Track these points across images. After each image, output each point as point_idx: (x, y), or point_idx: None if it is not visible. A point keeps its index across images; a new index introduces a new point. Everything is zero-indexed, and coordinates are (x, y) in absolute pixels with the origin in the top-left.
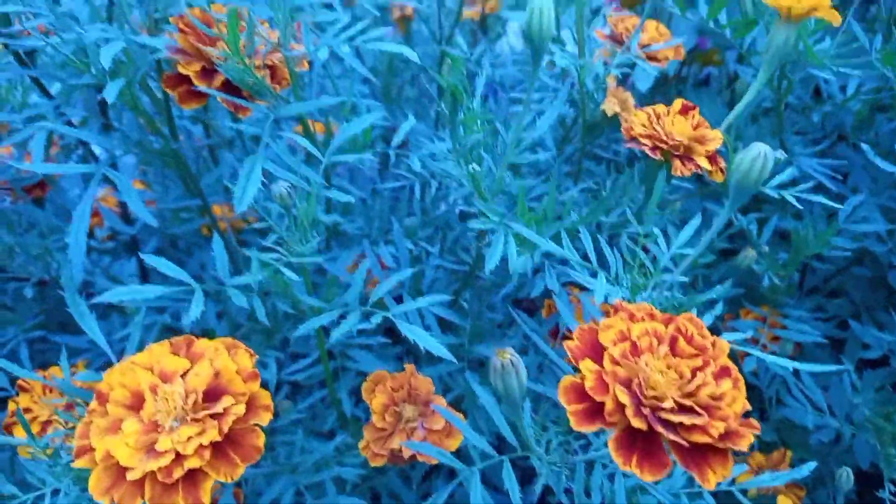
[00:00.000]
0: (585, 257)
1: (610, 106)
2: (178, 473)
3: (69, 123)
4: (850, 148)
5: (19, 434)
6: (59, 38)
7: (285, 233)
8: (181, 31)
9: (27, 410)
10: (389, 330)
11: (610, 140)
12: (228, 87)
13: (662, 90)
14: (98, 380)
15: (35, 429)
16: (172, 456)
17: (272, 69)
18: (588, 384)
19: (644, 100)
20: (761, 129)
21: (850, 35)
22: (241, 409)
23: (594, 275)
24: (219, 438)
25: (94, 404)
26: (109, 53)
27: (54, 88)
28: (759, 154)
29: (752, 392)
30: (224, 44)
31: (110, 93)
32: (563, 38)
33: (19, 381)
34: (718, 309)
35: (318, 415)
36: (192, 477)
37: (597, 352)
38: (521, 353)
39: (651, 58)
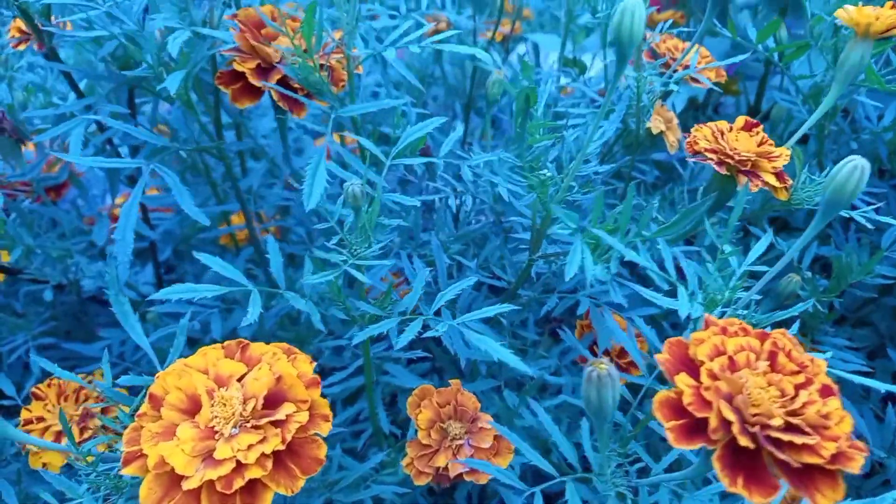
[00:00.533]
0: (661, 268)
1: (656, 124)
2: (238, 484)
3: (98, 123)
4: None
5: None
6: (108, 31)
7: (349, 235)
8: (240, 28)
9: (40, 419)
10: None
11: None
12: (282, 86)
13: (692, 113)
14: (141, 384)
15: (48, 439)
16: (233, 465)
17: (330, 69)
18: (686, 399)
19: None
20: (805, 154)
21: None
22: (304, 416)
23: (672, 288)
24: (281, 447)
25: (145, 408)
26: (178, 41)
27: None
28: (855, 167)
29: None
30: (285, 40)
31: (173, 83)
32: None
33: (33, 390)
34: (794, 329)
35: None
36: (252, 488)
37: (689, 366)
38: (554, 374)
39: (692, 79)
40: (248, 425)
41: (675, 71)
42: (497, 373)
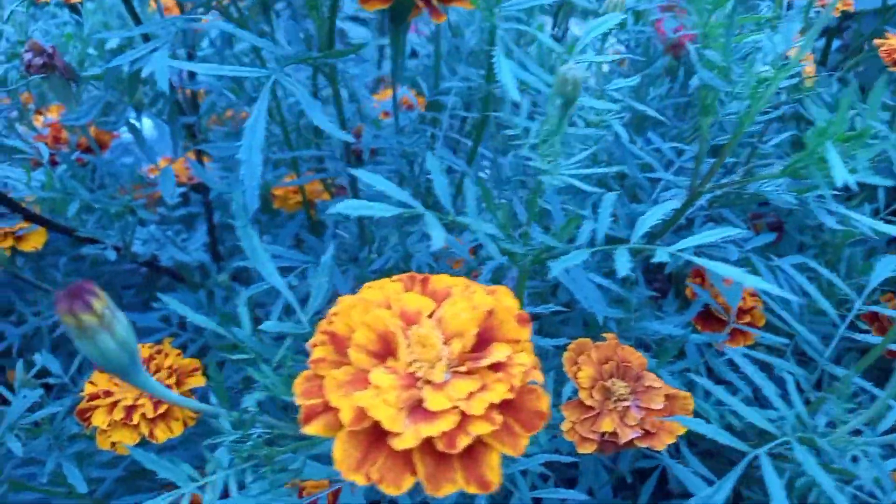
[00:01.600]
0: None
1: None
2: (463, 442)
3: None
4: None
5: (98, 421)
6: None
7: (544, 141)
8: None
9: (107, 393)
10: None
11: None
12: None
13: None
14: (289, 331)
15: (118, 416)
16: (455, 418)
17: None
18: None
19: None
20: None
21: None
22: (527, 359)
23: None
24: (510, 396)
25: (323, 352)
26: None
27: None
28: None
29: None
30: None
31: None
32: None
33: None
34: None
35: None
36: (472, 449)
37: None
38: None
39: None
40: (462, 370)
41: None
42: (622, 330)
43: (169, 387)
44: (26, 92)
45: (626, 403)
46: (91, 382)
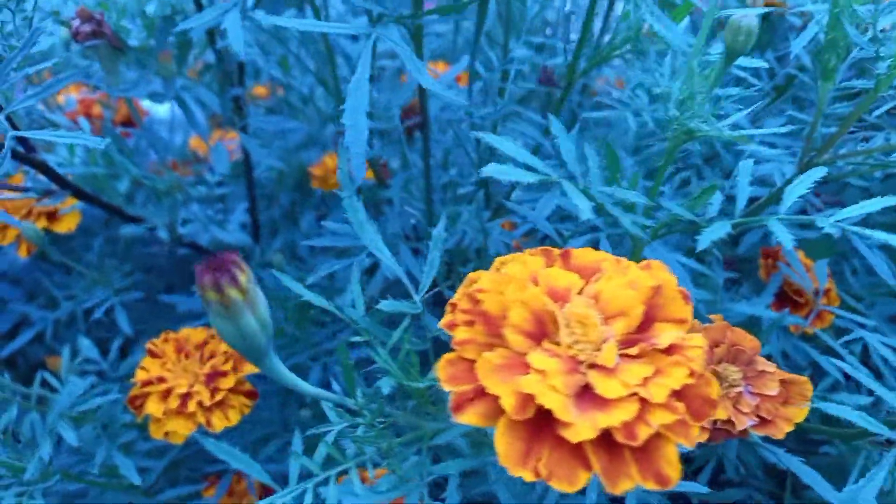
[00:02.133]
0: None
1: None
2: (644, 433)
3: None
4: None
5: (152, 409)
6: None
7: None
8: None
9: (161, 380)
10: None
11: None
12: None
13: None
14: (406, 310)
15: (172, 404)
16: (635, 406)
17: None
18: None
19: None
20: None
21: None
22: (701, 341)
23: None
24: (690, 381)
25: (468, 333)
26: None
27: None
28: None
29: None
30: None
31: None
32: None
33: (148, 346)
34: None
35: None
36: (645, 440)
37: None
38: None
39: None
40: (632, 353)
41: None
42: (707, 312)
43: (226, 373)
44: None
45: (739, 389)
46: (143, 368)
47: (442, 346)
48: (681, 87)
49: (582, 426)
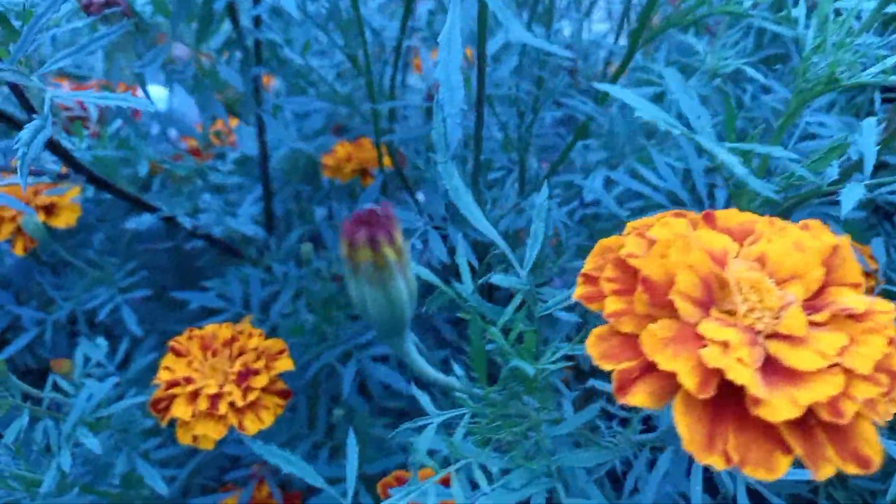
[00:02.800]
0: None
1: None
2: (849, 409)
3: None
4: None
5: (179, 412)
6: None
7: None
8: None
9: (189, 380)
10: None
11: None
12: None
13: None
14: (516, 286)
15: (202, 406)
16: (839, 379)
17: None
18: None
19: None
20: None
21: None
22: (888, 305)
23: None
24: (889, 351)
25: (618, 304)
26: None
27: None
28: None
29: None
30: None
31: None
32: None
33: (172, 343)
34: None
35: None
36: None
37: None
38: None
39: None
40: (818, 319)
41: None
42: None
43: (258, 371)
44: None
45: None
46: (167, 368)
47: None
48: (812, 37)
49: (780, 404)
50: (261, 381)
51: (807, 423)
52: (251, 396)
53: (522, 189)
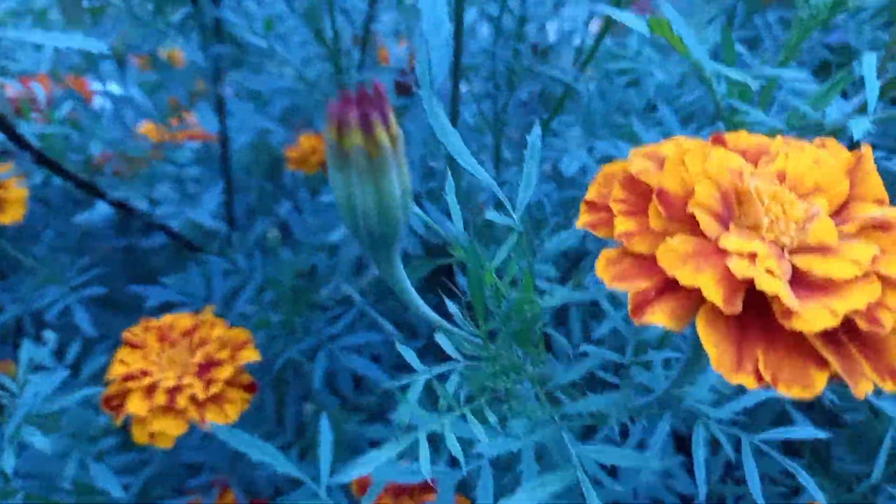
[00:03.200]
0: None
1: None
2: (888, 319)
3: None
4: None
5: (135, 408)
6: None
7: None
8: None
9: (144, 373)
10: None
11: None
12: None
13: None
14: (512, 224)
15: (160, 399)
16: (874, 286)
17: None
18: None
19: None
20: None
21: None
22: None
23: None
24: None
25: (628, 224)
26: None
27: None
28: None
29: None
30: None
31: None
32: None
33: (126, 335)
34: None
35: None
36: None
37: None
38: None
39: None
40: (848, 230)
41: None
42: None
43: (221, 362)
44: None
45: None
46: (121, 361)
47: None
48: None
49: (815, 314)
50: (224, 372)
51: (840, 338)
52: (214, 389)
53: (497, 169)
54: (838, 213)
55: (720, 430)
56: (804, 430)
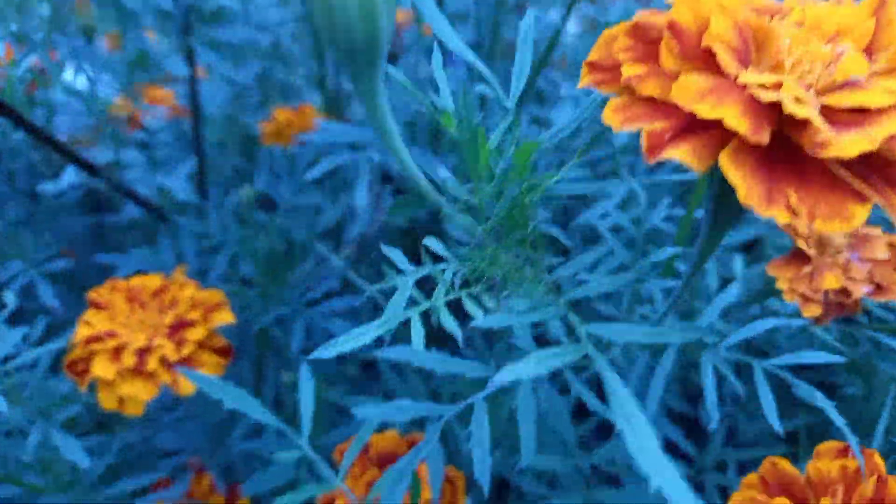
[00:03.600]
0: None
1: None
2: None
3: None
4: None
5: (100, 370)
6: None
7: None
8: None
9: (111, 335)
10: None
11: None
12: None
13: None
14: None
15: (128, 361)
16: None
17: None
18: None
19: None
20: None
21: None
22: None
23: None
24: None
25: (636, 68)
26: None
27: None
28: None
29: None
30: None
31: None
32: None
33: (91, 295)
34: None
35: None
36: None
37: None
38: None
39: None
40: (877, 69)
41: None
42: None
43: (193, 322)
44: None
45: (846, 256)
46: (86, 323)
47: None
48: None
49: (851, 140)
50: (197, 333)
51: (870, 173)
52: (186, 350)
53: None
54: (866, 52)
55: (728, 359)
56: (816, 356)
